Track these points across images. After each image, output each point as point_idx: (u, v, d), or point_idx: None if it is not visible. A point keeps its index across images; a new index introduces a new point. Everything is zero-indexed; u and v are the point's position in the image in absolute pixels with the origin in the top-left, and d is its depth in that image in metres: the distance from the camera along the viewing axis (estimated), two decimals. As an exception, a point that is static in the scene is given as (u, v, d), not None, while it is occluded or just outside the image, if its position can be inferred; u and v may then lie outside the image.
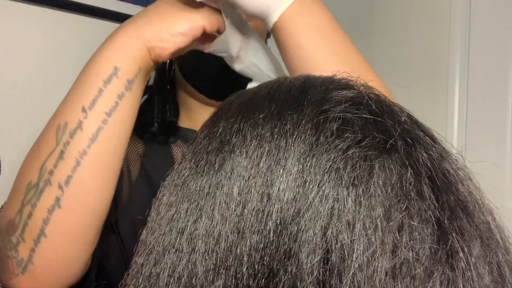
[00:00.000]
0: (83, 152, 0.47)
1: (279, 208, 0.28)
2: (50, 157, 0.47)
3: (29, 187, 0.47)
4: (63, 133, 0.48)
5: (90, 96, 0.48)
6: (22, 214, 0.47)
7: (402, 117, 0.32)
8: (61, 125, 0.48)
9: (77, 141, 0.47)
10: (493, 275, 0.28)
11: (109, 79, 0.49)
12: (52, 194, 0.46)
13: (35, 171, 0.47)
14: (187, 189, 0.32)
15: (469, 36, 1.54)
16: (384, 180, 0.28)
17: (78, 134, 0.47)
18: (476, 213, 0.29)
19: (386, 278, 0.26)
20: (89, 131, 0.48)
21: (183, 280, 0.29)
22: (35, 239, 0.46)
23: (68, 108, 0.49)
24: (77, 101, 0.49)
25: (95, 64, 0.50)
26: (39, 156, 0.48)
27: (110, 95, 0.49)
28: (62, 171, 0.47)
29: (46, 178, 0.47)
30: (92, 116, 0.48)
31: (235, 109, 0.34)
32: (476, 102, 1.54)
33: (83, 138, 0.47)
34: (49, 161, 0.47)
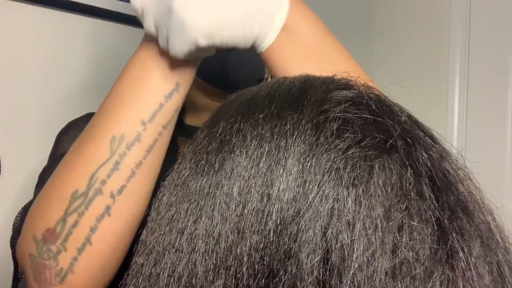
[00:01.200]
0: (139, 163, 0.48)
1: (279, 208, 0.28)
2: (103, 167, 0.47)
3: (75, 196, 0.46)
4: (119, 144, 0.48)
5: (150, 110, 0.49)
6: (66, 223, 0.46)
7: (402, 117, 0.32)
8: (116, 136, 0.48)
9: (134, 152, 0.48)
10: (493, 275, 0.28)
11: (170, 95, 0.50)
12: (103, 203, 0.46)
13: (83, 180, 0.47)
14: (187, 189, 0.32)
15: (469, 36, 1.54)
16: (384, 180, 0.28)
17: (136, 146, 0.48)
18: (476, 213, 0.29)
19: (386, 278, 0.26)
20: (146, 144, 0.48)
21: (183, 280, 0.29)
22: (79, 247, 0.46)
23: (124, 120, 0.48)
24: (135, 114, 0.49)
25: (154, 77, 0.50)
26: (88, 165, 0.47)
27: (170, 109, 0.50)
28: (116, 181, 0.47)
29: (97, 188, 0.46)
30: (150, 129, 0.49)
31: (235, 109, 0.34)
32: (476, 102, 1.54)
33: (141, 150, 0.48)
34: (102, 171, 0.47)
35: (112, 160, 0.47)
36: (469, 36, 1.55)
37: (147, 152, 0.48)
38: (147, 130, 0.48)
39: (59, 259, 0.46)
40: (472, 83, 1.55)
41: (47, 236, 0.46)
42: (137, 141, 0.48)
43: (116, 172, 0.47)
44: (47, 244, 0.46)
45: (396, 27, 1.69)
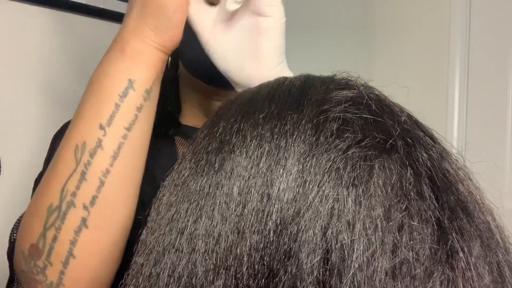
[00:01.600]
0: (106, 171, 0.45)
1: (279, 208, 0.28)
2: (71, 178, 0.45)
3: (50, 210, 0.45)
4: (83, 153, 0.46)
5: (107, 112, 0.46)
6: (46, 238, 0.45)
7: (402, 117, 0.32)
8: (79, 145, 0.46)
9: (98, 160, 0.45)
10: (493, 275, 0.28)
11: (125, 93, 0.47)
12: (77, 216, 0.45)
13: (55, 193, 0.46)
14: (187, 189, 0.32)
15: (469, 36, 1.54)
16: (384, 180, 0.28)
17: (99, 153, 0.45)
18: (476, 213, 0.29)
19: (386, 278, 0.26)
20: (110, 149, 0.46)
21: (183, 280, 0.29)
22: (63, 261, 0.45)
23: (84, 127, 0.47)
24: (93, 119, 0.46)
25: (107, 77, 0.48)
26: (58, 178, 0.46)
27: (129, 109, 0.47)
28: (86, 192, 0.45)
29: (69, 200, 0.45)
30: (111, 133, 0.46)
31: (235, 109, 0.34)
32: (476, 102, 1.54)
33: (105, 156, 0.46)
34: (70, 182, 0.45)
35: (78, 171, 0.45)
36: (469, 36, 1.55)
37: (112, 158, 0.46)
38: (108, 135, 0.46)
39: (47, 274, 0.45)
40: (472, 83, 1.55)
41: (32, 252, 0.46)
42: (99, 147, 0.45)
43: (84, 183, 0.45)
44: (33, 259, 0.46)
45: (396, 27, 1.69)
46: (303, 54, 1.45)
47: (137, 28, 0.48)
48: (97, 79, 0.49)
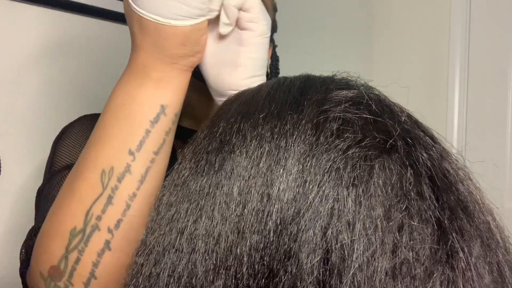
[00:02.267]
0: (132, 195, 0.46)
1: (279, 208, 0.28)
2: (96, 203, 0.46)
3: (74, 234, 0.46)
4: (110, 178, 0.46)
5: (136, 138, 0.46)
6: (68, 260, 0.46)
7: (402, 117, 0.32)
8: (106, 170, 0.46)
9: (126, 185, 0.46)
10: (493, 275, 0.28)
11: (156, 119, 0.47)
12: (102, 238, 0.46)
13: (80, 216, 0.46)
14: (187, 189, 0.32)
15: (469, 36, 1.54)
16: (384, 180, 0.28)
17: (127, 178, 0.46)
18: (476, 213, 0.29)
19: (386, 278, 0.26)
20: (138, 173, 0.46)
21: (183, 280, 0.29)
22: (85, 282, 0.46)
23: (111, 152, 0.47)
24: (121, 144, 0.47)
25: (137, 104, 0.47)
26: (82, 201, 0.47)
27: (158, 134, 0.47)
28: (112, 216, 0.46)
29: (94, 224, 0.46)
30: (140, 158, 0.46)
31: (235, 109, 0.34)
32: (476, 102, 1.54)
33: (132, 181, 0.46)
34: (96, 207, 0.46)
35: (104, 195, 0.46)
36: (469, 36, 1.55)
37: (140, 182, 0.46)
38: (137, 160, 0.46)
39: None
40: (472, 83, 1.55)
41: (52, 273, 0.47)
42: (127, 172, 0.46)
43: (110, 207, 0.46)
44: (54, 280, 0.47)
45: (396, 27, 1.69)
46: (303, 54, 1.45)
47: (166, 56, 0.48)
48: (123, 105, 0.48)
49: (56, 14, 0.98)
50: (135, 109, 0.48)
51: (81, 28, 1.02)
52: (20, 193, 0.94)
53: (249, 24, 0.50)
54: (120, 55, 1.10)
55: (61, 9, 0.99)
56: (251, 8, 0.50)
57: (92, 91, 1.04)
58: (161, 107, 0.48)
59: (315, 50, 1.48)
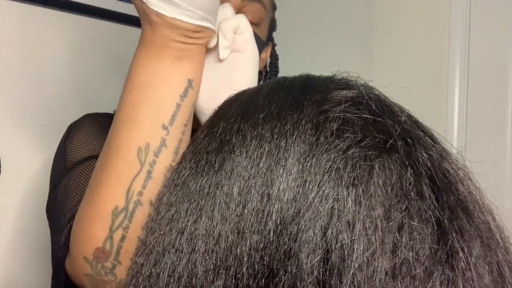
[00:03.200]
0: (170, 167, 0.48)
1: (279, 208, 0.28)
2: (136, 179, 0.47)
3: (116, 213, 0.47)
4: (147, 154, 0.48)
5: (168, 113, 0.49)
6: (113, 240, 0.47)
7: (402, 117, 0.32)
8: (142, 147, 0.48)
9: (163, 158, 0.48)
10: (493, 275, 0.28)
11: (185, 93, 0.50)
12: (145, 213, 0.47)
13: (120, 195, 0.47)
14: (187, 189, 0.32)
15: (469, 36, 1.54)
16: (384, 180, 0.28)
17: (163, 152, 0.48)
18: (476, 213, 0.29)
19: (386, 278, 0.26)
20: (172, 146, 0.49)
21: (183, 280, 0.29)
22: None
23: (145, 129, 0.48)
24: (154, 120, 0.48)
25: (165, 81, 0.49)
26: (120, 180, 0.48)
27: (187, 107, 0.50)
28: (152, 190, 0.47)
29: (136, 200, 0.47)
30: (173, 131, 0.49)
31: (235, 109, 0.34)
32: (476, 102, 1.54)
33: (168, 154, 0.48)
34: (136, 183, 0.47)
35: (143, 171, 0.48)
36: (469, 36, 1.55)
37: (175, 154, 0.49)
38: (170, 133, 0.49)
39: (116, 273, 0.47)
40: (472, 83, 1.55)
41: (98, 255, 0.48)
42: (163, 146, 0.48)
43: (150, 181, 0.47)
44: (100, 262, 0.47)
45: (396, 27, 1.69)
46: (303, 53, 1.45)
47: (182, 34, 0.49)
48: (150, 83, 0.49)
49: (56, 14, 0.98)
50: (164, 86, 0.49)
51: (81, 28, 1.02)
52: (19, 193, 0.94)
53: (243, 45, 0.54)
54: (121, 55, 1.10)
55: (62, 9, 0.99)
56: (244, 31, 0.54)
57: (92, 91, 1.04)
58: (188, 81, 0.50)
59: (315, 50, 1.48)
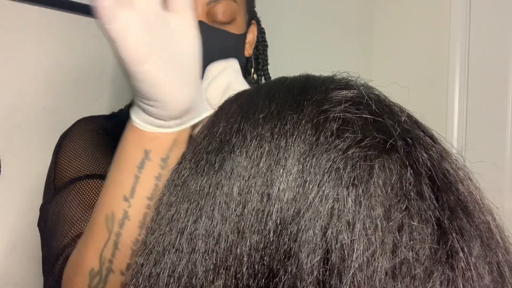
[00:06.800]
0: (136, 241, 0.47)
1: (279, 208, 0.28)
2: (106, 246, 0.47)
3: (92, 274, 0.47)
4: (113, 223, 0.47)
5: (128, 184, 0.47)
6: None
7: (402, 117, 0.32)
8: (109, 215, 0.47)
9: (127, 231, 0.47)
10: (493, 275, 0.28)
11: (142, 164, 0.47)
12: (117, 280, 0.47)
13: (95, 258, 0.48)
14: (187, 189, 0.32)
15: (469, 36, 1.54)
16: (384, 180, 0.28)
17: (127, 224, 0.47)
18: (476, 213, 0.29)
19: (386, 278, 0.26)
20: (136, 220, 0.47)
21: (183, 280, 0.29)
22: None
23: (111, 198, 0.48)
24: (117, 190, 0.48)
25: (125, 148, 0.48)
26: (95, 244, 0.48)
27: (148, 180, 0.47)
28: (121, 260, 0.47)
29: (107, 267, 0.47)
30: (135, 204, 0.47)
31: (235, 109, 0.34)
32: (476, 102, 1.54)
33: (132, 227, 0.47)
34: (106, 250, 0.47)
35: (111, 240, 0.47)
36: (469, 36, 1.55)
37: (140, 228, 0.47)
38: (132, 206, 0.47)
39: None
40: (472, 83, 1.55)
41: None
42: (126, 219, 0.47)
43: (118, 252, 0.47)
44: None
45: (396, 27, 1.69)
46: (303, 54, 1.45)
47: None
48: (119, 153, 0.49)
49: (56, 14, 0.98)
50: (124, 154, 0.48)
51: (81, 28, 1.02)
52: (20, 193, 0.94)
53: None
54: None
55: (61, 9, 0.99)
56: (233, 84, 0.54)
57: (92, 92, 1.04)
58: (144, 152, 0.47)
59: (315, 50, 1.48)
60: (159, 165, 0.48)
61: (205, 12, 0.60)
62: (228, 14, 0.61)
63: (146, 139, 0.47)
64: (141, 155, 0.47)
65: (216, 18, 0.61)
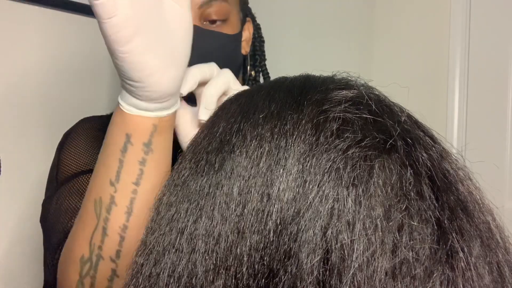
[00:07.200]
0: (123, 227, 0.47)
1: (279, 208, 0.28)
2: (95, 233, 0.47)
3: (83, 261, 0.48)
4: (101, 208, 0.47)
5: (113, 168, 0.47)
6: (83, 285, 0.48)
7: (402, 117, 0.32)
8: (96, 200, 0.47)
9: (115, 216, 0.47)
10: (493, 275, 0.28)
11: (124, 148, 0.47)
12: (107, 267, 0.47)
13: (85, 245, 0.48)
14: (187, 189, 0.32)
15: (469, 36, 1.54)
16: (384, 180, 0.28)
17: (114, 210, 0.47)
18: (476, 213, 0.29)
19: (386, 278, 0.26)
20: (123, 205, 0.47)
21: (183, 280, 0.29)
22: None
23: (98, 182, 0.48)
24: (104, 175, 0.48)
25: (110, 132, 0.48)
26: (84, 230, 0.48)
27: (132, 164, 0.47)
28: (110, 246, 0.47)
29: (97, 253, 0.47)
30: (121, 189, 0.47)
31: (235, 109, 0.34)
32: (476, 102, 1.54)
33: (119, 212, 0.47)
34: (95, 237, 0.47)
35: (99, 226, 0.47)
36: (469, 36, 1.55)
37: (127, 214, 0.47)
38: (118, 191, 0.47)
39: None
40: (472, 83, 1.55)
41: None
42: (113, 204, 0.47)
43: (107, 238, 0.47)
44: None
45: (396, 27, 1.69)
46: (303, 54, 1.45)
47: None
48: (106, 136, 0.49)
49: (56, 14, 0.98)
50: (110, 137, 0.48)
51: (81, 28, 1.02)
52: (20, 193, 0.94)
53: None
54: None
55: (61, 9, 0.99)
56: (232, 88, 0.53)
57: (92, 91, 1.04)
58: (126, 135, 0.47)
59: (315, 50, 1.48)
60: (142, 150, 0.47)
61: (198, 15, 0.61)
62: (222, 13, 0.62)
63: (128, 122, 0.47)
64: (123, 139, 0.47)
65: (210, 18, 0.62)
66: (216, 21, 0.62)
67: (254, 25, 0.76)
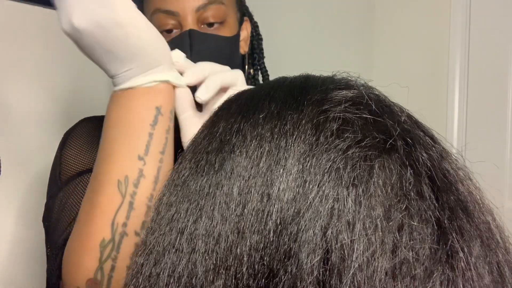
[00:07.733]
0: (150, 197, 0.49)
1: (279, 208, 0.28)
2: (119, 211, 0.48)
3: (104, 245, 0.48)
4: (127, 185, 0.49)
5: (142, 143, 0.50)
6: (103, 270, 0.48)
7: (402, 117, 0.32)
8: (121, 179, 0.49)
9: (143, 188, 0.49)
10: (493, 275, 0.28)
11: (155, 121, 0.50)
12: (131, 243, 0.48)
13: (105, 228, 0.48)
14: (187, 189, 0.32)
15: (469, 36, 1.54)
16: (384, 180, 0.28)
17: (142, 182, 0.49)
18: (476, 213, 0.29)
19: (386, 278, 0.26)
20: (151, 175, 0.49)
21: (183, 280, 0.29)
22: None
23: (122, 162, 0.50)
24: (130, 152, 0.50)
25: (134, 113, 0.51)
26: (104, 214, 0.49)
27: (160, 134, 0.51)
28: (136, 220, 0.48)
29: (121, 231, 0.48)
30: (149, 160, 0.50)
31: (235, 109, 0.34)
32: (476, 102, 1.54)
33: (148, 183, 0.49)
34: (119, 215, 0.48)
35: (125, 203, 0.48)
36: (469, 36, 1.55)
37: (154, 183, 0.49)
38: (147, 163, 0.49)
39: None
40: (472, 83, 1.55)
41: (90, 286, 0.49)
42: (142, 177, 0.49)
43: (133, 212, 0.48)
44: None
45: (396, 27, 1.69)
46: (303, 54, 1.45)
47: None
48: (122, 117, 0.51)
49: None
50: (134, 117, 0.50)
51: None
52: (20, 193, 0.94)
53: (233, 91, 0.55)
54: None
55: (61, 9, 0.99)
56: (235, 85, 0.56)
57: (92, 91, 1.04)
58: (156, 109, 0.51)
59: (315, 50, 1.48)
60: (169, 118, 0.52)
61: (195, 19, 0.62)
62: (219, 15, 0.64)
63: (157, 94, 0.51)
64: (153, 113, 0.50)
65: (207, 21, 0.63)
66: (213, 24, 0.63)
67: (252, 23, 0.77)
